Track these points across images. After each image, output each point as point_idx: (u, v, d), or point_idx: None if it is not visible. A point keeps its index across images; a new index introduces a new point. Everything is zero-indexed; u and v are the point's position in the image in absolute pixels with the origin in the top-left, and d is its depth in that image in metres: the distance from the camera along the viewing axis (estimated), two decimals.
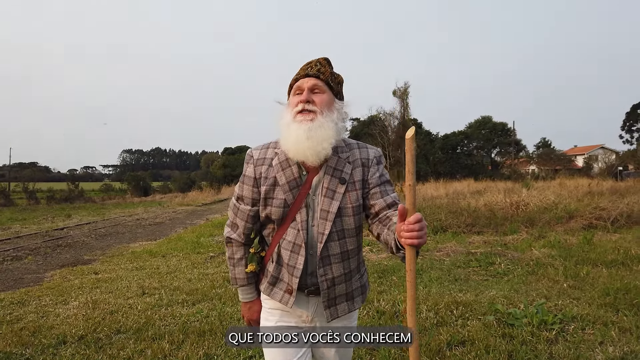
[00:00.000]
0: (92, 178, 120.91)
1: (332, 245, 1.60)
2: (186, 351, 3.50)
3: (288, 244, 1.62)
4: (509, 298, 4.73)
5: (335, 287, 1.63)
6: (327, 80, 1.64)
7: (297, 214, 1.61)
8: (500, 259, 6.92)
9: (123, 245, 10.40)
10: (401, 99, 44.97)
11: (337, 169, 1.62)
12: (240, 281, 1.74)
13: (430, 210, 11.46)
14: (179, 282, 6.03)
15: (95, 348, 3.65)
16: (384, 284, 5.56)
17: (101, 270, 7.15)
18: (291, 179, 1.61)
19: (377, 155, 1.70)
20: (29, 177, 56.18)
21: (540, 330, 3.76)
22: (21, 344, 3.77)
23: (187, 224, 15.47)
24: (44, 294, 5.57)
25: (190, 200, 30.86)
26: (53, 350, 3.64)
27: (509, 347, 3.41)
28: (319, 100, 1.60)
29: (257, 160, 1.69)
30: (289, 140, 1.57)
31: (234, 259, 1.75)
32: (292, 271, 1.61)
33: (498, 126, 47.16)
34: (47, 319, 4.50)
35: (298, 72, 1.68)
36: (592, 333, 3.72)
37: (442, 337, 3.62)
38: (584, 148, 58.81)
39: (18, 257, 8.62)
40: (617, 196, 13.74)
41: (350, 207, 1.61)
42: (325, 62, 1.68)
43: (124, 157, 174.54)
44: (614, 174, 37.07)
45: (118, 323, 4.27)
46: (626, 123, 55.31)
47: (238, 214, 1.72)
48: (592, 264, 6.30)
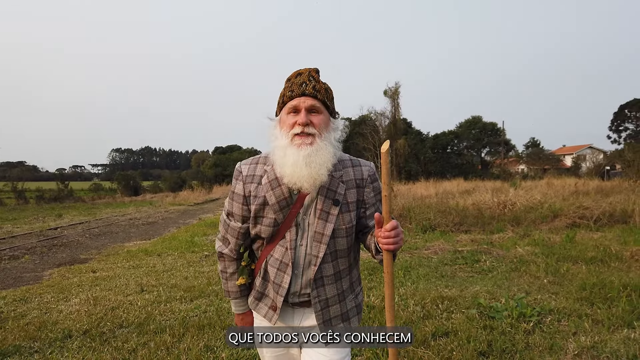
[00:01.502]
0: (81, 177, 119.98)
1: (325, 267, 1.60)
2: (187, 343, 3.71)
3: (275, 261, 1.62)
4: (492, 293, 5.01)
5: (330, 309, 1.63)
6: (324, 99, 1.59)
7: (286, 233, 1.60)
8: (486, 256, 7.20)
9: (118, 244, 10.55)
10: (392, 99, 45.35)
11: (331, 190, 1.58)
12: (233, 294, 1.77)
13: (419, 209, 11.71)
14: (175, 280, 6.22)
15: (100, 341, 3.86)
16: (374, 280, 5.80)
17: (99, 269, 7.31)
18: (281, 198, 1.58)
19: (371, 173, 1.67)
20: (17, 176, 55.66)
21: (519, 322, 4.03)
22: (29, 337, 3.96)
23: (180, 223, 15.60)
24: (45, 292, 5.74)
25: (182, 200, 30.85)
26: (60, 343, 3.83)
27: (488, 337, 3.67)
28: (317, 122, 1.56)
29: (247, 177, 1.66)
30: (286, 165, 1.53)
31: (226, 273, 1.76)
32: (278, 289, 1.61)
33: (488, 126, 47.71)
34: (51, 315, 4.68)
35: (290, 87, 1.59)
36: (567, 324, 4.00)
37: (428, 328, 3.88)
38: (573, 148, 59.65)
39: (15, 257, 8.75)
40: (601, 195, 14.16)
41: (344, 228, 1.59)
42: (317, 76, 1.61)
43: (113, 156, 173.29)
44: (601, 174, 37.72)
45: (120, 318, 4.47)
46: (614, 123, 56.19)
47: (229, 230, 1.71)
48: (573, 261, 6.60)
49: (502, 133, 47.87)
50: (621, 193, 14.64)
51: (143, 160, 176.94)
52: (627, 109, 54.85)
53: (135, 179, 48.31)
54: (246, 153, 60.10)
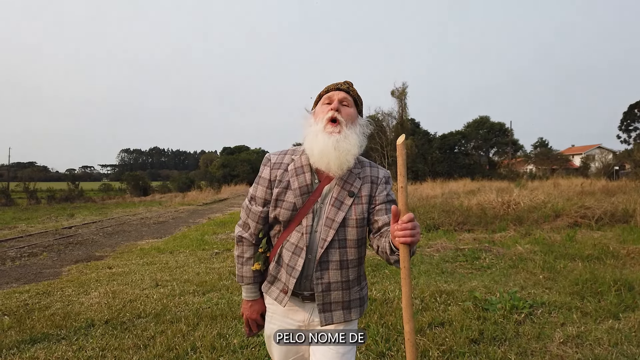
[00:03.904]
0: (90, 178, 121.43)
1: (332, 252, 1.68)
2: (201, 331, 4.02)
3: (290, 246, 1.71)
4: (488, 288, 5.27)
5: (331, 293, 1.70)
6: (355, 97, 1.81)
7: (303, 219, 1.69)
8: (486, 254, 7.44)
9: (131, 242, 10.91)
10: (399, 99, 45.53)
11: (348, 182, 1.73)
12: (246, 279, 1.83)
13: (424, 209, 11.98)
14: (188, 275, 6.54)
15: (121, 329, 4.17)
16: (376, 276, 6.08)
17: (114, 265, 7.66)
18: (303, 184, 1.71)
19: (386, 176, 1.81)
20: (29, 176, 56.60)
21: (511, 313, 4.29)
22: (55, 326, 4.28)
23: (190, 222, 15.95)
24: (65, 286, 6.08)
25: (191, 200, 31.26)
26: (84, 331, 4.15)
27: (481, 327, 3.93)
28: (346, 113, 1.74)
29: (274, 164, 1.79)
30: (316, 148, 1.68)
31: (243, 258, 1.83)
32: (291, 272, 1.69)
33: (496, 126, 47.69)
34: (73, 307, 5.01)
35: (328, 86, 1.83)
36: (557, 316, 4.26)
37: (425, 319, 4.16)
38: (581, 148, 59.48)
39: (34, 254, 9.14)
40: (606, 196, 14.30)
41: (355, 219, 1.69)
42: (351, 84, 1.84)
43: (122, 156, 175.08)
44: (610, 174, 37.64)
45: (138, 310, 4.78)
46: (623, 122, 55.84)
47: (250, 215, 1.81)
48: (570, 258, 6.82)
49: (509, 133, 47.86)
50: (626, 193, 14.78)
51: (151, 160, 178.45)
52: (637, 109, 54.46)
53: (144, 179, 48.83)
54: (254, 154, 60.56)
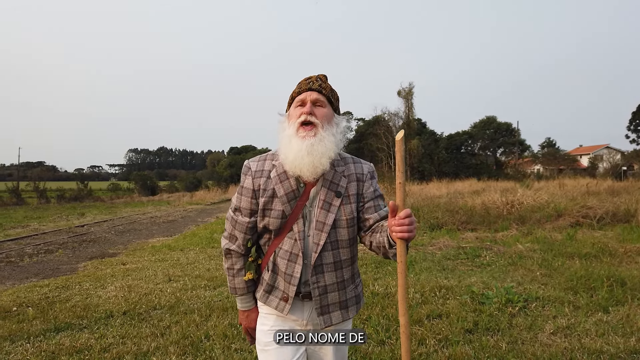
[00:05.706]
0: (98, 177, 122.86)
1: (325, 255, 1.65)
2: (214, 321, 4.29)
3: (285, 253, 1.67)
4: (486, 283, 5.50)
5: (328, 295, 1.68)
6: (329, 95, 1.71)
7: (294, 225, 1.66)
8: (487, 252, 7.66)
9: (142, 240, 11.25)
10: (406, 99, 45.75)
11: (334, 182, 1.68)
12: (239, 290, 1.79)
13: (428, 209, 12.15)
14: (199, 271, 6.83)
15: (139, 320, 4.46)
16: (379, 272, 6.33)
17: (128, 262, 7.97)
18: (289, 190, 1.66)
19: (371, 171, 1.78)
20: (38, 176, 57.34)
21: (506, 307, 4.52)
22: (76, 317, 4.58)
23: (199, 221, 16.29)
24: (82, 281, 6.39)
25: (199, 200, 31.72)
26: (104, 321, 4.45)
27: (476, 319, 4.17)
28: (321, 114, 1.67)
29: (255, 172, 1.73)
30: (289, 154, 1.62)
31: (233, 270, 1.78)
32: (290, 279, 1.66)
33: (502, 126, 47.60)
34: (92, 300, 5.30)
35: (299, 85, 1.73)
36: (549, 309, 4.48)
37: (423, 311, 4.41)
38: (589, 148, 59.26)
39: (50, 251, 9.50)
40: (609, 196, 14.42)
41: (345, 219, 1.67)
42: (324, 78, 1.75)
43: (130, 156, 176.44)
44: (618, 174, 37.57)
45: (153, 302, 5.07)
46: (632, 122, 55.43)
47: (236, 226, 1.75)
48: (568, 256, 7.02)
49: (516, 133, 47.79)
50: (630, 193, 14.88)
51: (159, 160, 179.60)
52: None
53: (152, 179, 49.37)
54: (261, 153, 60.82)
